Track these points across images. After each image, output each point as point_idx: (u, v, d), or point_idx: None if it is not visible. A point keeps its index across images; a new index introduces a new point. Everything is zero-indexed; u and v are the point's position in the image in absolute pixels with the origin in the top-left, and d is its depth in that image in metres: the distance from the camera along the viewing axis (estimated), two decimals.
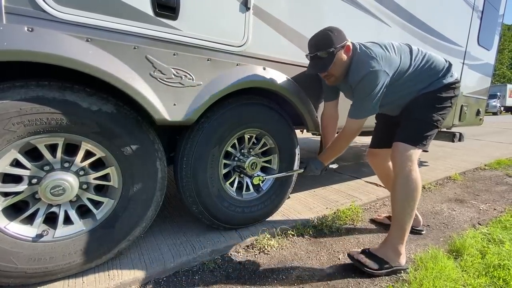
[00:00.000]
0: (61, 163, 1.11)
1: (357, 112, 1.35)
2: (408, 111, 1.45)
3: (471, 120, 3.59)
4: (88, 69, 0.99)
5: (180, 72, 1.22)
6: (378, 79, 1.26)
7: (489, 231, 1.76)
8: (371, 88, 1.27)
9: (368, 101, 1.30)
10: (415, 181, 1.33)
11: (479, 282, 1.26)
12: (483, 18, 3.21)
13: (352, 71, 1.33)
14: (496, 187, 2.84)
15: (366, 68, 1.26)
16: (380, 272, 1.32)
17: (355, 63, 1.33)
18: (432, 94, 1.40)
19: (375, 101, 1.31)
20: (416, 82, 1.40)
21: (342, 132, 1.45)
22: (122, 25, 1.08)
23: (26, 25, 0.90)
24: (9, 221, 1.05)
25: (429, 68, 1.41)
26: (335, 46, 1.29)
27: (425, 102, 1.40)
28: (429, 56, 1.43)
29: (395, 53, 1.35)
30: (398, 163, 1.37)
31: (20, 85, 0.95)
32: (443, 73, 1.42)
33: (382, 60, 1.28)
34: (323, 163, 1.58)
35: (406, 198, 1.34)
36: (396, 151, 1.38)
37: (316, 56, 1.33)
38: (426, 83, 1.41)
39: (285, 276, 1.31)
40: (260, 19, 1.45)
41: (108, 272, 1.22)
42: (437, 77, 1.41)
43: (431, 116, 1.38)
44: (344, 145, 1.50)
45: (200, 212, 1.48)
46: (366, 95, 1.29)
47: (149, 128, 1.24)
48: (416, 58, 1.40)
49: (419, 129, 1.38)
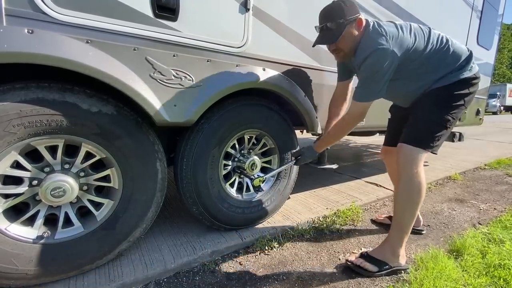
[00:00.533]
0: (61, 164, 1.12)
1: (361, 94, 1.27)
2: (418, 107, 1.36)
3: (471, 120, 3.59)
4: (88, 71, 0.99)
5: (180, 73, 1.23)
6: (385, 58, 1.17)
7: (489, 231, 1.76)
8: (376, 68, 1.18)
9: (373, 82, 1.22)
10: (418, 185, 1.28)
11: (480, 282, 1.26)
12: (482, 17, 3.21)
13: (359, 49, 1.25)
14: (496, 187, 2.84)
15: (373, 46, 1.18)
16: (380, 273, 1.32)
17: (363, 41, 1.24)
18: (445, 90, 1.29)
19: (382, 84, 1.22)
20: (430, 69, 1.29)
21: (344, 117, 1.38)
22: (122, 27, 1.08)
23: (26, 27, 0.90)
24: (9, 222, 1.06)
25: (446, 55, 1.28)
26: (346, 18, 1.22)
27: (437, 99, 1.30)
28: (449, 42, 1.31)
29: (409, 34, 1.25)
30: (402, 165, 1.31)
31: (20, 87, 0.96)
32: (461, 64, 1.29)
33: (392, 39, 1.19)
34: (316, 152, 1.53)
35: (408, 201, 1.31)
36: (400, 152, 1.32)
37: (326, 27, 1.26)
38: (441, 74, 1.29)
39: (286, 277, 1.31)
40: (259, 20, 1.45)
41: (109, 273, 1.22)
42: (453, 68, 1.29)
43: (441, 116, 1.28)
44: (344, 130, 1.42)
45: (200, 213, 1.49)
46: (371, 75, 1.21)
47: (149, 129, 1.24)
48: (433, 41, 1.28)
49: (427, 130, 1.29)
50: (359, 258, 1.36)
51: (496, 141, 6.25)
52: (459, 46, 1.32)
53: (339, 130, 1.44)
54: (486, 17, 3.28)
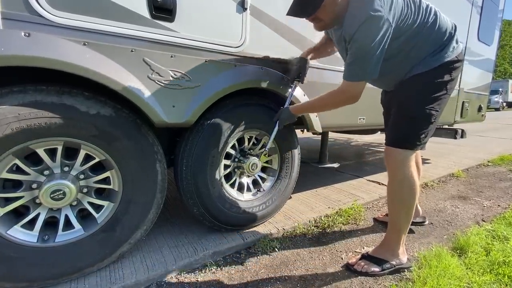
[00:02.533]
0: (60, 167, 1.11)
1: (353, 72, 1.10)
2: (399, 100, 1.26)
3: (473, 117, 3.57)
4: (86, 73, 0.99)
5: (178, 74, 1.22)
6: (379, 27, 1.00)
7: (493, 228, 1.74)
8: (370, 39, 1.01)
9: (366, 58, 1.04)
10: (410, 186, 1.25)
11: (484, 280, 1.24)
12: (482, 13, 3.19)
13: (348, 16, 1.06)
14: (500, 183, 2.81)
15: (366, 12, 0.99)
16: (383, 272, 1.31)
17: (353, 6, 1.06)
18: (426, 77, 1.17)
19: (375, 59, 1.05)
20: (415, 47, 1.15)
21: (333, 92, 1.21)
22: (119, 28, 1.08)
23: (22, 30, 0.90)
24: (10, 226, 1.05)
25: (432, 30, 1.15)
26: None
27: (418, 91, 1.19)
28: (437, 14, 1.17)
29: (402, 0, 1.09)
30: (391, 168, 1.28)
31: (18, 90, 0.96)
32: (445, 42, 1.17)
33: (385, 5, 1.01)
34: (293, 114, 1.41)
35: (401, 203, 1.29)
36: (388, 155, 1.28)
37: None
38: (424, 53, 1.17)
39: (288, 277, 1.30)
40: (257, 19, 1.45)
41: (110, 276, 1.21)
42: (436, 47, 1.16)
43: (424, 111, 1.18)
44: (327, 106, 1.29)
45: (201, 213, 1.48)
46: (364, 49, 1.03)
47: (148, 131, 1.23)
48: (423, 12, 1.14)
49: (411, 129, 1.21)
50: (360, 262, 1.35)
51: (499, 137, 6.21)
52: (444, 20, 1.19)
53: (324, 104, 1.29)
54: (486, 13, 3.26)
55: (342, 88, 1.17)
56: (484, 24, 3.25)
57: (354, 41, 1.05)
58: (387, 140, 1.29)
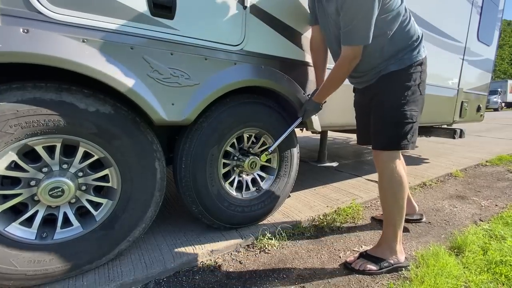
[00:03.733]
0: (59, 164, 1.11)
1: (351, 36, 1.19)
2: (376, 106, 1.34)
3: (472, 117, 3.57)
4: (85, 70, 0.99)
5: (177, 72, 1.22)
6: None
7: (490, 227, 1.75)
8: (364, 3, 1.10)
9: (361, 22, 1.13)
10: (399, 179, 1.31)
11: (481, 279, 1.25)
12: (482, 13, 3.20)
13: None
14: (498, 183, 2.82)
15: None
16: (381, 271, 1.31)
17: None
18: (399, 78, 1.27)
19: (369, 23, 1.13)
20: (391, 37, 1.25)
21: (338, 63, 1.31)
22: (118, 25, 1.07)
23: (21, 27, 0.90)
24: (8, 223, 1.05)
25: (407, 27, 1.26)
26: None
27: (393, 95, 1.28)
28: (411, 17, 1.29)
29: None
30: (380, 167, 1.36)
31: (16, 87, 0.95)
32: (414, 41, 1.29)
33: None
34: (318, 102, 1.51)
35: (393, 197, 1.34)
36: (377, 158, 1.36)
37: None
38: (396, 48, 1.26)
39: (286, 275, 1.30)
40: (257, 17, 1.44)
41: (109, 273, 1.21)
42: (408, 44, 1.27)
43: (405, 113, 1.26)
44: (340, 77, 1.36)
45: (200, 212, 1.48)
46: (358, 13, 1.12)
47: (147, 129, 1.23)
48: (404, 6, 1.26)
49: (396, 132, 1.28)
50: (358, 260, 1.36)
51: (497, 137, 6.23)
52: (415, 25, 1.31)
53: (336, 77, 1.36)
54: (486, 13, 3.26)
55: (345, 54, 1.25)
56: (484, 24, 3.25)
57: (348, 7, 1.14)
58: (374, 145, 1.37)
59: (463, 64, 3.11)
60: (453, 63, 2.97)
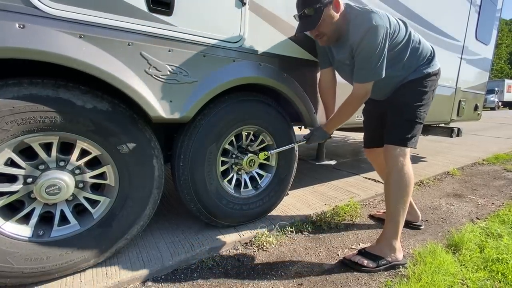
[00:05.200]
0: (56, 162, 1.10)
1: (364, 75, 1.29)
2: (394, 107, 1.44)
3: (469, 115, 3.59)
4: (82, 66, 0.98)
5: (175, 69, 1.21)
6: (381, 34, 1.19)
7: (487, 225, 1.76)
8: (375, 45, 1.20)
9: (373, 62, 1.23)
10: (408, 176, 1.35)
11: (478, 276, 1.26)
12: (481, 12, 3.20)
13: (352, 28, 1.26)
14: (494, 182, 2.84)
15: (369, 23, 1.19)
16: (378, 269, 1.32)
17: (354, 20, 1.26)
18: (417, 84, 1.39)
19: (381, 62, 1.24)
20: (405, 61, 1.37)
21: (349, 99, 1.40)
22: (115, 21, 1.06)
23: (17, 22, 0.88)
24: (4, 221, 1.04)
25: (418, 49, 1.39)
26: (322, 2, 1.24)
27: (413, 98, 1.39)
28: (420, 38, 1.42)
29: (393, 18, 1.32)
30: (392, 161, 1.39)
31: (13, 83, 0.94)
32: (429, 59, 1.41)
33: (382, 17, 1.22)
34: (327, 132, 1.56)
35: (399, 193, 1.36)
36: (389, 152, 1.40)
37: (304, 14, 1.29)
38: (413, 67, 1.39)
39: (284, 273, 1.31)
40: (256, 14, 1.43)
41: (106, 271, 1.21)
42: (423, 62, 1.40)
43: (417, 114, 1.39)
44: (350, 112, 1.44)
45: (198, 209, 1.48)
46: (371, 54, 1.22)
47: (145, 126, 1.22)
48: (410, 33, 1.37)
49: (408, 129, 1.38)
50: (356, 255, 1.37)
51: (494, 136, 6.27)
52: (426, 43, 1.44)
53: (346, 111, 1.44)
54: (484, 12, 3.26)
55: (357, 91, 1.36)
56: (482, 23, 3.26)
57: (361, 49, 1.24)
58: (389, 140, 1.42)
59: (461, 63, 3.12)
60: (451, 62, 2.98)
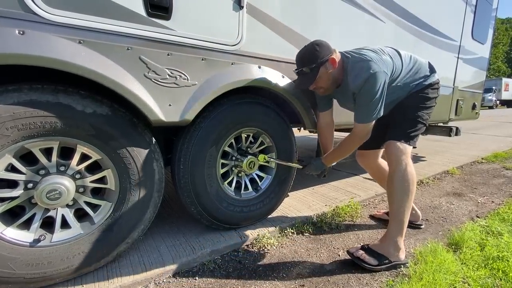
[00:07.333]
0: (56, 166, 1.10)
1: (365, 116, 1.35)
2: (399, 111, 1.50)
3: (467, 114, 3.60)
4: (81, 71, 0.98)
5: (174, 72, 1.22)
6: (380, 80, 1.27)
7: (487, 224, 1.76)
8: (374, 91, 1.27)
9: (374, 105, 1.31)
10: (411, 175, 1.36)
11: (479, 274, 1.26)
12: (476, 12, 3.23)
13: (352, 77, 1.33)
14: (494, 180, 2.85)
15: (366, 72, 1.26)
16: (380, 267, 1.32)
17: (351, 70, 1.33)
18: (421, 93, 1.46)
19: (380, 103, 1.32)
20: (406, 84, 1.45)
21: (350, 137, 1.46)
22: (114, 26, 1.07)
23: (17, 28, 0.89)
24: (5, 226, 1.04)
25: (417, 70, 1.47)
26: (318, 61, 1.31)
27: (416, 101, 1.46)
28: (416, 59, 1.49)
29: (386, 56, 1.37)
30: (395, 160, 1.39)
31: (13, 89, 0.94)
32: (428, 74, 1.50)
33: (378, 62, 1.29)
34: (324, 164, 1.59)
35: (403, 192, 1.36)
36: (391, 147, 1.41)
37: (302, 71, 1.37)
38: (414, 84, 1.47)
39: (286, 274, 1.31)
40: (254, 17, 1.45)
41: (108, 275, 1.21)
42: (424, 76, 1.48)
43: (422, 114, 1.45)
44: (351, 149, 1.51)
45: (199, 212, 1.48)
46: (371, 99, 1.29)
47: (145, 130, 1.23)
48: (406, 61, 1.45)
49: (411, 128, 1.43)
50: (359, 250, 1.38)
51: (493, 135, 6.29)
52: (422, 60, 1.53)
53: (347, 148, 1.51)
54: (480, 11, 3.29)
55: (358, 130, 1.41)
56: (478, 22, 3.28)
57: (362, 94, 1.31)
58: (392, 136, 1.45)
59: (458, 63, 3.14)
60: (448, 61, 3.00)
